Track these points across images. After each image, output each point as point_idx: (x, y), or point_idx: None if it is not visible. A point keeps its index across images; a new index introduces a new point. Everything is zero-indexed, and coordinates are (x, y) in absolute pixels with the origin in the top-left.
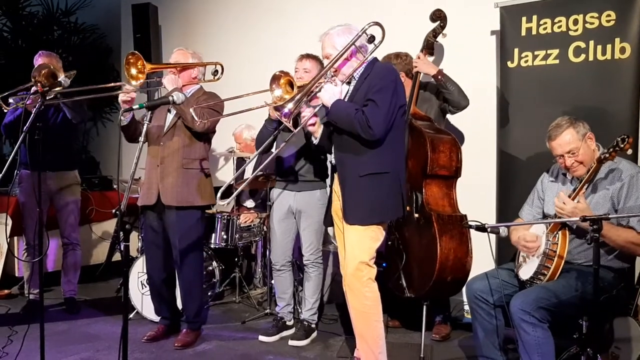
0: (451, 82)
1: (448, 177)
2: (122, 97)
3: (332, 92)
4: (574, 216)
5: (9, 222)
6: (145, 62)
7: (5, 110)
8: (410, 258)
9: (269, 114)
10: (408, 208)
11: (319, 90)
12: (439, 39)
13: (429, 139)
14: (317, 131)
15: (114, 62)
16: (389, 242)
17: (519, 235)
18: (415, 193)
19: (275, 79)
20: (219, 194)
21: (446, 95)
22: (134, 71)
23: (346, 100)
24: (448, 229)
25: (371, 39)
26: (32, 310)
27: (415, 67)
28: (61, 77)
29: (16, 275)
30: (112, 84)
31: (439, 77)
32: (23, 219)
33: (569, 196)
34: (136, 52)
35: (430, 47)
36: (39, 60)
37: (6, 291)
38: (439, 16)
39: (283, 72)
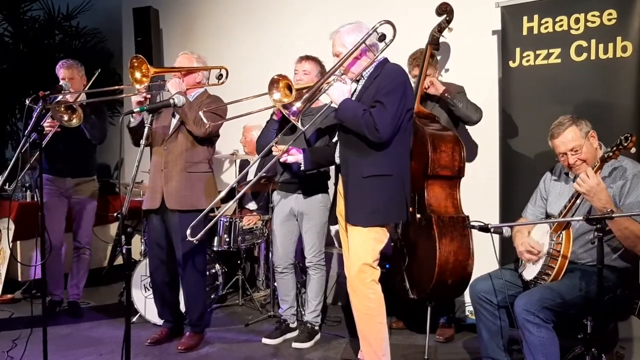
0: (458, 98)
1: (451, 177)
2: (135, 98)
3: (341, 91)
4: (591, 194)
5: (12, 226)
6: (149, 66)
7: None
8: (412, 259)
9: (273, 115)
10: (411, 209)
11: (328, 88)
12: (445, 33)
13: (429, 137)
14: (297, 160)
15: (116, 66)
16: (392, 244)
17: (522, 242)
18: (417, 194)
19: (273, 82)
20: (221, 195)
21: (455, 112)
22: (138, 75)
23: (353, 98)
24: (448, 232)
25: (382, 38)
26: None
27: (429, 87)
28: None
29: (19, 279)
30: (116, 87)
31: (445, 94)
32: None
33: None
34: (140, 55)
35: (436, 42)
36: (60, 72)
37: (9, 296)
38: (444, 10)
39: (281, 76)
